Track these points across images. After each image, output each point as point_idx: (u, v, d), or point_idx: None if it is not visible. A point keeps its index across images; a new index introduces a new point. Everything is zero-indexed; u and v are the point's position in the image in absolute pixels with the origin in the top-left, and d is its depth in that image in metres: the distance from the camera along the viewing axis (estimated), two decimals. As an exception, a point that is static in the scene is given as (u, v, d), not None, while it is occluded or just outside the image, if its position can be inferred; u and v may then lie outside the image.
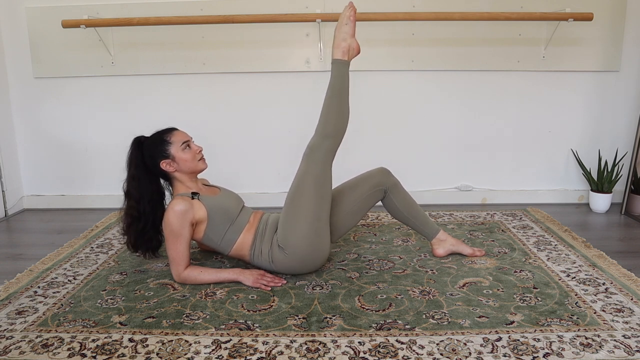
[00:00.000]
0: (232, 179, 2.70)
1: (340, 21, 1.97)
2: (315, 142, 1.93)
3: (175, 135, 1.99)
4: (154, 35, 2.90)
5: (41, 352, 1.51)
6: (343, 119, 1.95)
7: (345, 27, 1.95)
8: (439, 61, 2.94)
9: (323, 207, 1.93)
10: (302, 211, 1.90)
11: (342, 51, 1.94)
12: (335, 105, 1.93)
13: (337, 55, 1.95)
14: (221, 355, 1.48)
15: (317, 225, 1.91)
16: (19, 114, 3.09)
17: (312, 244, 1.92)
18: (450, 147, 3.07)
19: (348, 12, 1.96)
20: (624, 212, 2.89)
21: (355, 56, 1.99)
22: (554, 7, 2.80)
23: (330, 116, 1.92)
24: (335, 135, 1.93)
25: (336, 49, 1.95)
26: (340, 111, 1.94)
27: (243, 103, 3.03)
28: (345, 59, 1.95)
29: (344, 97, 1.95)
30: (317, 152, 1.92)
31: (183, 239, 1.89)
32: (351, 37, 1.95)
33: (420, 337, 1.56)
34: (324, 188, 1.93)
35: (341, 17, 1.98)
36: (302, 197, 1.91)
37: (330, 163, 1.95)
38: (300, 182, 1.93)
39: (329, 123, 1.92)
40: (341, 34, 1.95)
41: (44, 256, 2.29)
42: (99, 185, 3.15)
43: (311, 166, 1.92)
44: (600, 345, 1.49)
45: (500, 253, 2.25)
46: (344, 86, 1.95)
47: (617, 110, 3.02)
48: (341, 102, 1.94)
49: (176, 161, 1.97)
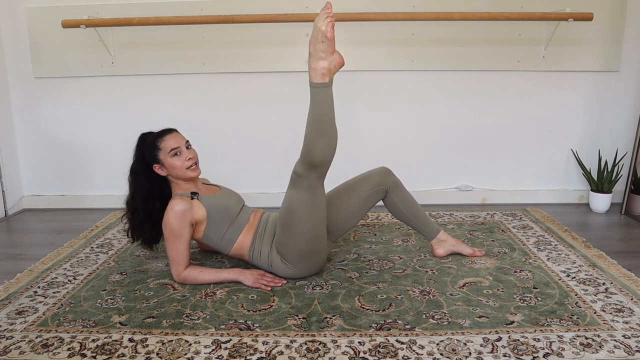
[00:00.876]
0: (232, 178, 2.70)
1: (314, 36, 1.65)
2: (301, 171, 1.77)
3: (166, 141, 1.95)
4: (154, 35, 2.90)
5: (41, 352, 1.51)
6: (330, 146, 1.74)
7: (321, 45, 1.64)
8: (439, 61, 2.94)
9: (318, 223, 1.87)
10: (297, 233, 1.85)
11: (320, 74, 1.67)
12: (319, 133, 1.71)
13: (316, 78, 1.67)
14: (221, 355, 1.48)
15: (314, 243, 1.90)
16: (19, 114, 3.09)
17: (310, 258, 1.94)
18: (450, 147, 3.07)
19: (324, 26, 1.62)
20: (624, 212, 2.89)
21: (338, 70, 1.72)
22: (554, 7, 2.80)
23: (315, 146, 1.71)
24: (322, 163, 1.76)
25: (313, 71, 1.67)
26: (326, 139, 1.72)
27: (243, 103, 3.03)
28: (325, 81, 1.68)
29: (329, 123, 1.71)
30: (305, 180, 1.78)
31: (183, 239, 1.89)
32: (330, 55, 1.67)
33: (420, 337, 1.56)
34: (317, 210, 1.84)
35: (314, 31, 1.65)
36: (295, 222, 1.84)
37: (321, 186, 1.83)
38: (290, 207, 1.84)
39: (315, 154, 1.72)
40: (317, 53, 1.66)
41: (44, 256, 2.29)
42: (99, 185, 3.15)
43: (299, 194, 1.80)
44: (600, 345, 1.49)
45: (500, 253, 2.25)
46: (327, 111, 1.70)
47: (617, 110, 3.02)
48: (326, 129, 1.71)
49: (166, 167, 1.96)
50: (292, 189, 1.82)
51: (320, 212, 1.86)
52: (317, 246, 1.92)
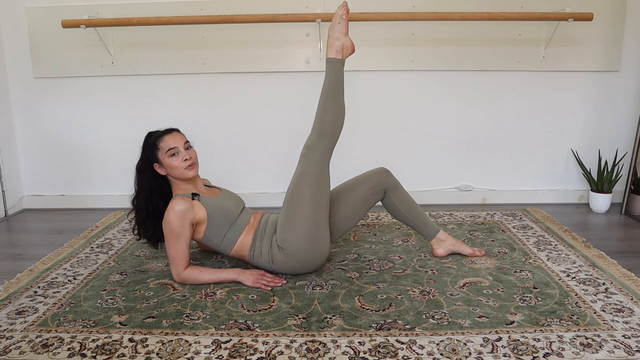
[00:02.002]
0: (231, 178, 2.71)
1: (333, 20, 1.99)
2: (312, 141, 1.93)
3: (164, 141, 1.97)
4: (154, 35, 2.90)
5: (41, 352, 1.51)
6: (339, 118, 1.95)
7: (338, 26, 1.97)
8: (439, 61, 2.94)
9: (321, 207, 1.93)
10: (301, 212, 1.90)
11: (335, 50, 1.96)
12: (331, 104, 1.94)
13: (331, 54, 1.96)
14: (221, 355, 1.48)
15: (316, 225, 1.91)
16: (19, 114, 3.09)
17: (311, 244, 1.92)
18: (450, 147, 3.07)
19: (341, 11, 1.97)
20: (624, 212, 2.89)
21: (349, 55, 2.00)
22: (554, 7, 2.81)
23: (326, 115, 1.93)
24: (331, 134, 1.94)
25: (330, 47, 1.97)
26: (336, 110, 1.94)
27: (243, 103, 3.03)
28: (340, 57, 1.96)
29: (340, 95, 1.95)
30: (314, 151, 1.92)
31: (183, 239, 1.89)
32: (344, 36, 1.97)
33: (420, 337, 1.56)
34: (322, 188, 1.93)
35: (334, 16, 1.99)
36: (300, 197, 1.91)
37: (327, 162, 1.95)
38: (298, 182, 1.93)
39: (325, 122, 1.93)
40: (334, 32, 1.97)
41: (44, 256, 2.29)
42: (99, 185, 3.15)
43: (308, 166, 1.92)
44: (600, 345, 1.49)
45: (500, 253, 2.25)
46: (339, 85, 1.95)
47: (617, 110, 3.02)
48: (337, 101, 1.95)
49: (164, 166, 1.97)
50: (301, 162, 1.94)
51: (324, 190, 1.94)
52: (318, 232, 1.92)
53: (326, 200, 1.95)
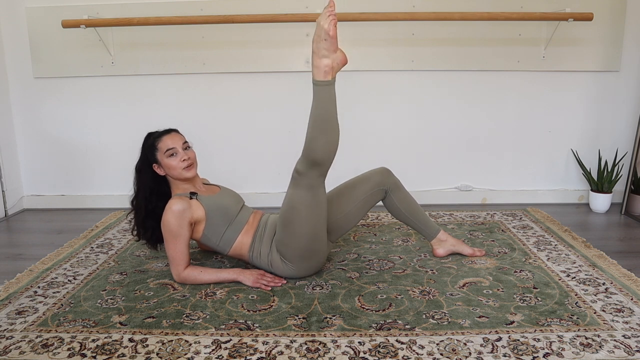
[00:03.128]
0: (231, 178, 2.70)
1: (317, 34, 1.68)
2: (303, 169, 1.78)
3: (162, 142, 1.96)
4: (154, 35, 2.90)
5: (41, 352, 1.51)
6: (331, 144, 1.75)
7: (324, 43, 1.67)
8: (439, 61, 2.94)
9: (318, 223, 1.87)
10: (297, 232, 1.85)
11: (323, 72, 1.69)
12: (321, 130, 1.72)
13: (318, 76, 1.70)
14: (221, 355, 1.48)
15: (313, 242, 1.90)
16: (19, 114, 3.09)
17: (310, 258, 1.94)
18: (450, 147, 3.07)
19: (327, 25, 1.65)
20: (624, 212, 2.89)
21: (342, 68, 1.75)
22: (554, 7, 2.80)
23: (317, 143, 1.73)
24: (324, 161, 1.77)
25: (316, 69, 1.69)
26: (328, 136, 1.73)
27: (243, 103, 3.03)
28: (329, 78, 1.70)
29: (331, 120, 1.73)
30: (305, 178, 1.78)
31: (182, 239, 1.89)
32: (333, 53, 1.70)
33: (420, 337, 1.56)
34: (317, 207, 1.84)
35: (317, 29, 1.67)
36: (295, 220, 1.84)
37: (322, 185, 1.83)
38: (291, 206, 1.84)
39: (316, 151, 1.73)
40: (320, 50, 1.68)
41: (44, 256, 2.29)
42: (99, 185, 3.15)
43: (300, 192, 1.81)
44: (600, 345, 1.49)
45: (500, 253, 2.25)
46: (329, 108, 1.72)
47: (617, 110, 3.02)
48: (328, 126, 1.72)
49: (163, 167, 1.97)
50: (293, 187, 1.83)
51: (321, 211, 1.86)
52: (317, 246, 1.92)
53: (323, 217, 1.88)
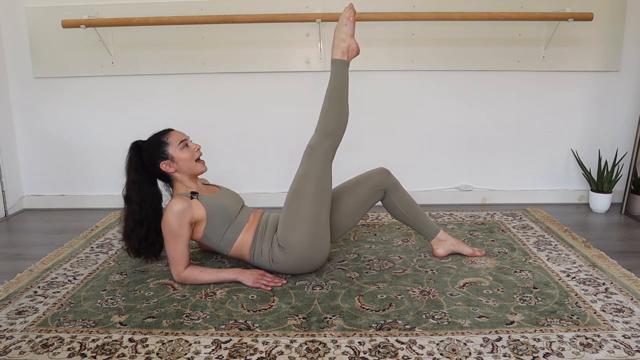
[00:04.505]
0: (231, 179, 2.70)
1: (339, 22, 1.99)
2: (316, 141, 1.94)
3: (172, 136, 1.99)
4: (154, 35, 2.90)
5: (41, 352, 1.51)
6: (343, 118, 1.96)
7: (344, 27, 1.97)
8: (439, 61, 2.94)
9: (323, 206, 1.93)
10: (302, 211, 1.90)
11: (341, 51, 1.96)
12: (335, 104, 1.94)
13: (337, 55, 1.97)
14: (221, 355, 1.48)
15: (317, 226, 1.91)
16: (19, 114, 3.09)
17: (312, 244, 1.92)
18: (450, 147, 3.07)
19: (348, 13, 1.98)
20: (624, 212, 2.89)
21: (354, 57, 2.01)
22: (554, 7, 2.80)
23: (330, 115, 1.94)
24: (335, 134, 1.94)
25: (335, 49, 1.98)
26: (340, 110, 1.95)
27: (243, 103, 3.03)
28: (345, 58, 1.97)
29: (344, 96, 1.96)
30: (318, 151, 1.93)
31: (182, 239, 1.89)
32: (350, 38, 1.97)
33: (420, 337, 1.56)
34: (324, 188, 1.94)
35: (341, 17, 2.00)
36: (302, 196, 1.91)
37: (330, 162, 1.96)
38: (301, 181, 1.93)
39: (329, 122, 1.94)
40: (340, 34, 1.97)
41: (44, 256, 2.29)
42: (99, 185, 3.15)
43: (311, 165, 1.93)
44: (600, 345, 1.49)
45: (500, 253, 2.25)
46: (343, 86, 1.96)
47: (617, 110, 3.02)
48: (341, 102, 1.95)
49: (175, 161, 1.97)
50: (304, 163, 1.95)
51: (327, 193, 1.94)
52: (320, 231, 1.92)
53: (328, 201, 1.95)
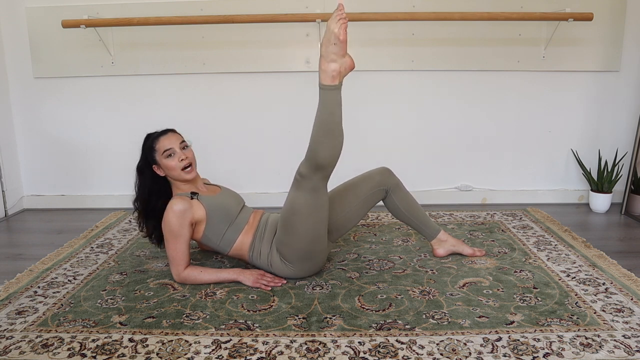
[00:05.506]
0: (232, 178, 2.70)
1: (326, 38, 1.65)
2: (306, 172, 1.77)
3: (160, 142, 1.96)
4: (154, 35, 2.90)
5: (41, 352, 1.51)
6: (335, 148, 1.73)
7: (333, 47, 1.65)
8: (439, 61, 2.94)
9: (319, 227, 1.86)
10: (298, 234, 1.85)
11: (330, 76, 1.67)
12: (325, 135, 1.71)
13: (325, 80, 1.67)
14: (221, 355, 1.48)
15: (314, 243, 1.90)
16: (19, 114, 3.09)
17: (310, 259, 1.93)
18: (450, 147, 3.07)
19: (337, 29, 1.62)
20: (624, 212, 2.89)
21: (348, 73, 1.73)
22: (554, 7, 2.80)
23: (321, 147, 1.71)
24: (328, 165, 1.76)
25: (323, 73, 1.67)
26: (333, 140, 1.72)
27: (243, 103, 3.03)
28: (335, 83, 1.68)
29: (335, 125, 1.71)
30: (308, 182, 1.77)
31: (182, 239, 1.89)
32: (342, 58, 1.68)
33: (420, 337, 1.56)
34: (319, 212, 1.83)
35: (327, 32, 1.65)
36: (296, 222, 1.84)
37: (324, 187, 1.82)
38: (292, 208, 1.83)
39: (320, 155, 1.72)
40: (329, 54, 1.66)
41: (44, 256, 2.29)
42: (99, 186, 3.15)
43: (303, 195, 1.80)
44: (600, 345, 1.49)
45: (500, 253, 2.25)
46: (335, 113, 1.70)
47: (617, 110, 3.02)
48: (333, 131, 1.71)
49: (162, 168, 1.97)
50: (295, 190, 1.82)
51: (322, 213, 1.86)
52: (317, 247, 1.92)
53: (324, 219, 1.87)
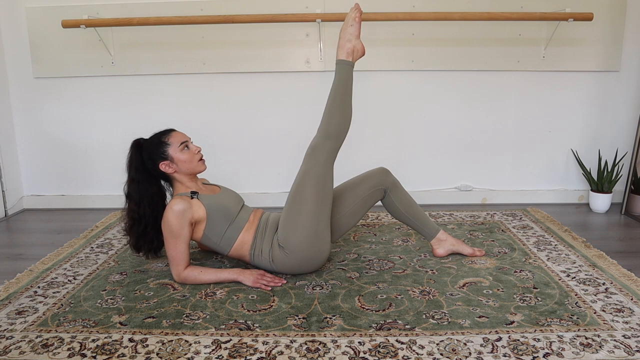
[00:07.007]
0: (232, 178, 2.71)
1: (345, 22, 1.99)
2: (318, 142, 1.94)
3: (173, 137, 1.99)
4: (154, 35, 2.90)
5: (41, 352, 1.51)
6: (346, 120, 1.96)
7: (350, 28, 1.97)
8: (439, 61, 2.94)
9: (324, 207, 1.93)
10: (303, 212, 1.90)
11: (346, 52, 1.96)
12: (338, 105, 1.94)
13: (342, 55, 1.97)
14: (221, 355, 1.48)
15: (318, 225, 1.91)
16: (19, 114, 3.09)
17: (313, 245, 1.92)
18: (450, 147, 3.07)
19: (354, 13, 1.98)
20: (624, 212, 2.89)
21: (359, 57, 2.00)
22: (554, 7, 2.81)
23: (333, 117, 1.94)
24: (337, 135, 1.94)
25: (341, 49, 1.97)
26: (343, 112, 1.95)
27: (243, 103, 3.03)
28: (350, 59, 1.96)
29: (348, 98, 1.96)
30: (319, 152, 1.93)
31: (182, 239, 1.89)
32: (356, 39, 1.97)
33: (420, 337, 1.56)
34: (325, 188, 1.93)
35: (347, 18, 2.00)
36: (303, 197, 1.91)
37: (331, 163, 1.96)
38: (302, 181, 1.93)
39: (332, 123, 1.94)
40: (346, 35, 1.97)
41: (44, 256, 2.29)
42: (99, 185, 3.15)
43: (313, 166, 1.92)
44: (600, 345, 1.49)
45: (500, 253, 2.25)
46: (347, 87, 1.95)
47: (617, 110, 3.02)
48: (344, 103, 1.95)
49: (175, 162, 1.97)
50: (305, 163, 1.95)
51: (327, 191, 1.94)
52: (320, 232, 1.92)
53: (329, 201, 1.95)
